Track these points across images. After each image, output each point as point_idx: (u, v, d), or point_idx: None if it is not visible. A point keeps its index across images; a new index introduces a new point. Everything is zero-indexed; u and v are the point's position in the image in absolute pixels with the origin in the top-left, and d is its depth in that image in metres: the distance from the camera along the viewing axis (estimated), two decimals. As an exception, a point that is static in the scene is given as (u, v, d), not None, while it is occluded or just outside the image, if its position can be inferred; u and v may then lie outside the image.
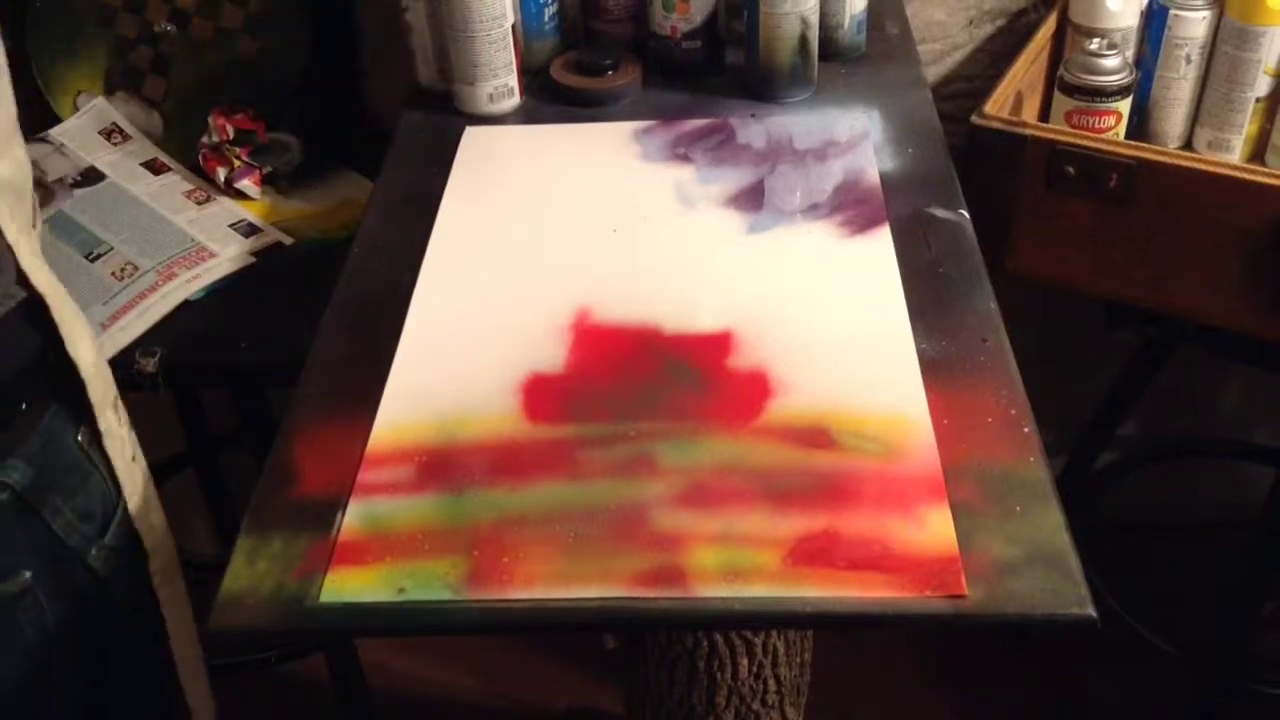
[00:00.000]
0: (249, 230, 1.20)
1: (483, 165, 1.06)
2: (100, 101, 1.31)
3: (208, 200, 1.22)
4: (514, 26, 1.11)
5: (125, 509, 0.86)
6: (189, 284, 1.13)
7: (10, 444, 0.76)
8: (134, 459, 0.87)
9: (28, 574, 0.78)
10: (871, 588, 0.67)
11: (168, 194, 1.22)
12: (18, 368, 0.77)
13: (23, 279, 0.76)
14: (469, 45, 1.09)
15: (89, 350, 0.81)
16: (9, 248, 0.75)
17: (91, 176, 1.23)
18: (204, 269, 1.14)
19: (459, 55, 1.10)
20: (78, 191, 1.21)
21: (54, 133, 1.27)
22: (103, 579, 0.84)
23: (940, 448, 0.75)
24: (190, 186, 1.24)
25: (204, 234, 1.18)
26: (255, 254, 1.17)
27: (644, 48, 1.18)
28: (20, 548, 0.78)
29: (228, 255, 1.16)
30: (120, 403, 0.86)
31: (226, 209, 1.22)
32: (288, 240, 1.19)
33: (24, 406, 0.77)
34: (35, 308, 0.77)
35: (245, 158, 1.24)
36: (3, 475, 0.75)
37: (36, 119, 1.32)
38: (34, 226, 0.79)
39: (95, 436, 0.82)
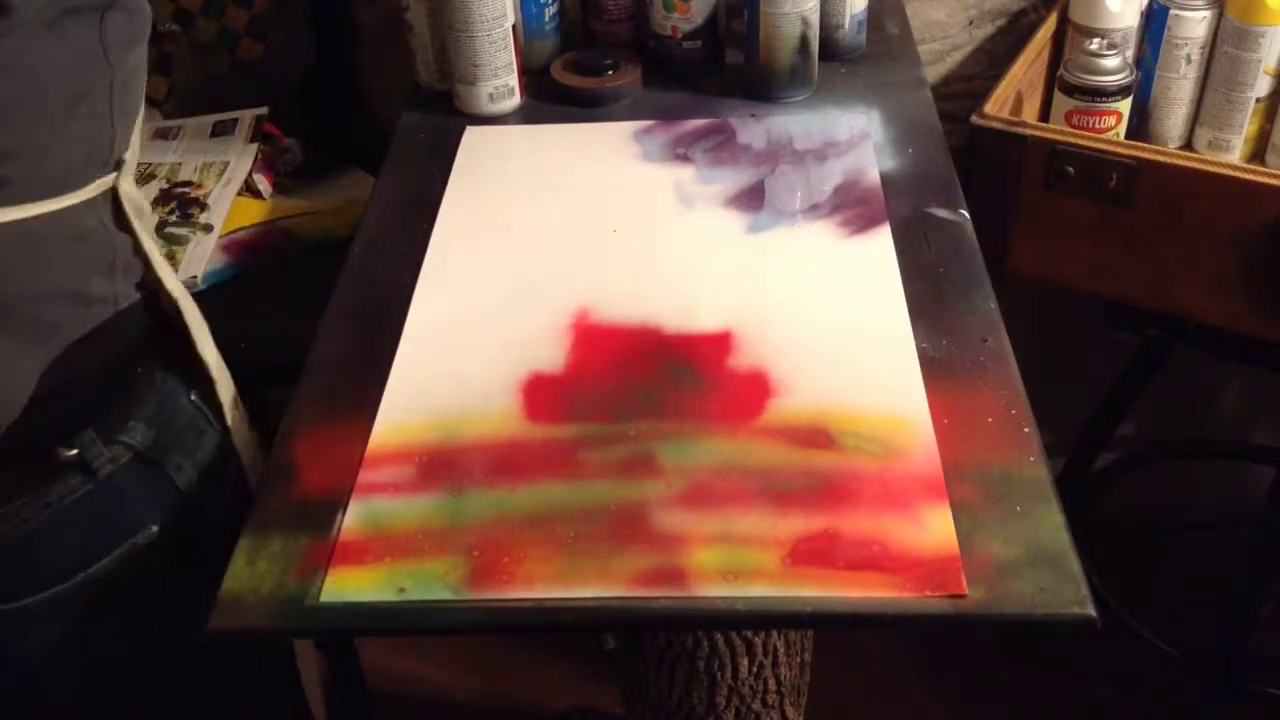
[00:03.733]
0: None
1: (483, 165, 1.06)
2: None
3: None
4: (514, 26, 1.11)
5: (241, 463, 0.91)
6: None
7: (129, 407, 0.81)
8: (256, 453, 0.91)
9: (154, 528, 0.82)
10: (871, 588, 0.67)
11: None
12: (132, 341, 0.81)
13: (147, 285, 0.82)
14: (469, 45, 1.09)
15: (214, 352, 0.87)
16: (140, 256, 0.81)
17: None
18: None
19: (459, 55, 1.10)
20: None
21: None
22: (228, 531, 0.86)
23: (940, 448, 0.75)
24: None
25: None
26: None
27: (644, 48, 1.18)
28: (145, 503, 0.82)
29: None
30: (239, 400, 0.91)
31: None
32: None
33: (139, 371, 0.82)
34: (149, 295, 0.82)
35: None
36: (125, 437, 0.80)
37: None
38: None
39: (208, 396, 0.87)
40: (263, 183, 1.24)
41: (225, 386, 0.88)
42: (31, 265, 0.73)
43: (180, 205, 1.18)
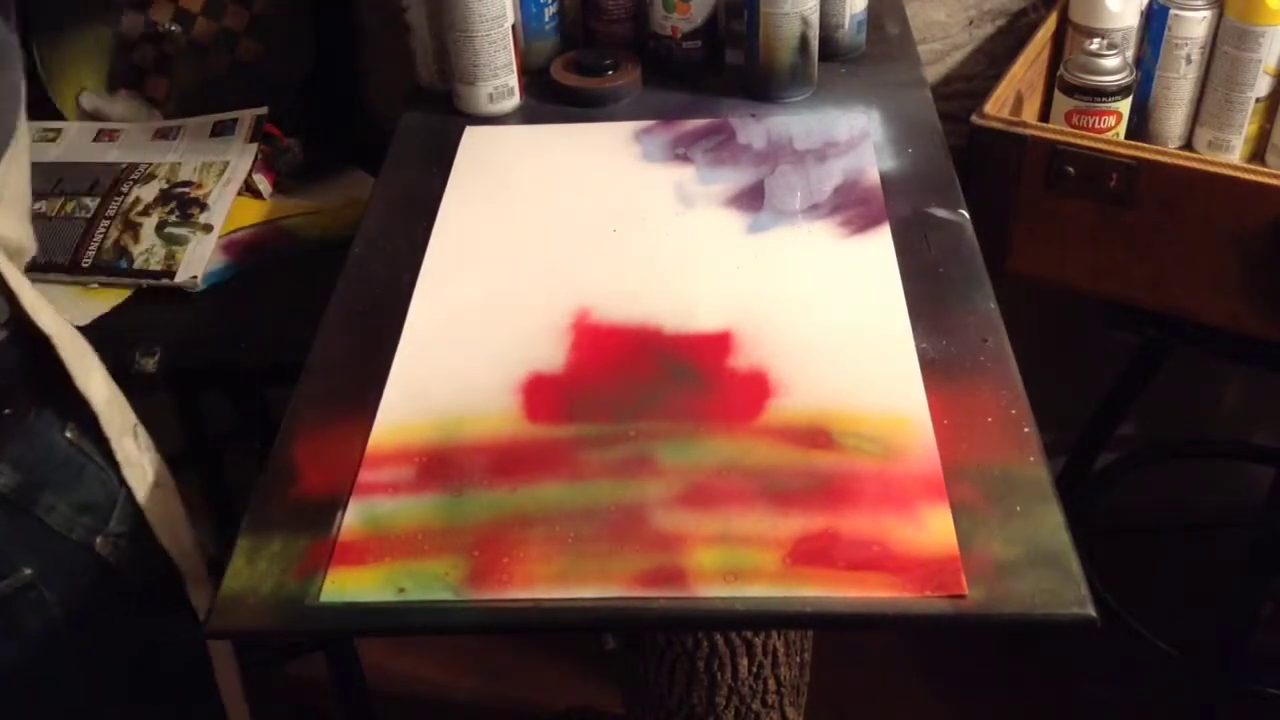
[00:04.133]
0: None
1: (483, 165, 1.06)
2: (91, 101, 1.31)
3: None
4: (514, 26, 1.11)
5: (130, 497, 0.86)
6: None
7: None
8: (157, 483, 0.88)
9: (28, 570, 0.79)
10: (871, 588, 0.67)
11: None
12: None
13: (19, 323, 0.77)
14: (469, 45, 1.09)
15: (101, 385, 0.83)
16: (6, 295, 0.76)
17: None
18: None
19: (459, 55, 1.10)
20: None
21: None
22: (115, 567, 0.85)
23: (940, 448, 0.75)
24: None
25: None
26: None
27: (644, 48, 1.18)
28: (16, 546, 0.79)
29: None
30: (141, 428, 0.87)
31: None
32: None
33: (6, 412, 0.78)
34: (19, 329, 0.78)
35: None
36: None
37: (40, 116, 1.32)
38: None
39: (87, 431, 0.83)
40: (263, 183, 1.24)
41: (116, 420, 0.84)
42: None
43: (180, 205, 1.18)
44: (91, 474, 0.83)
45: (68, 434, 0.82)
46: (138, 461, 0.86)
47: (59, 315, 0.80)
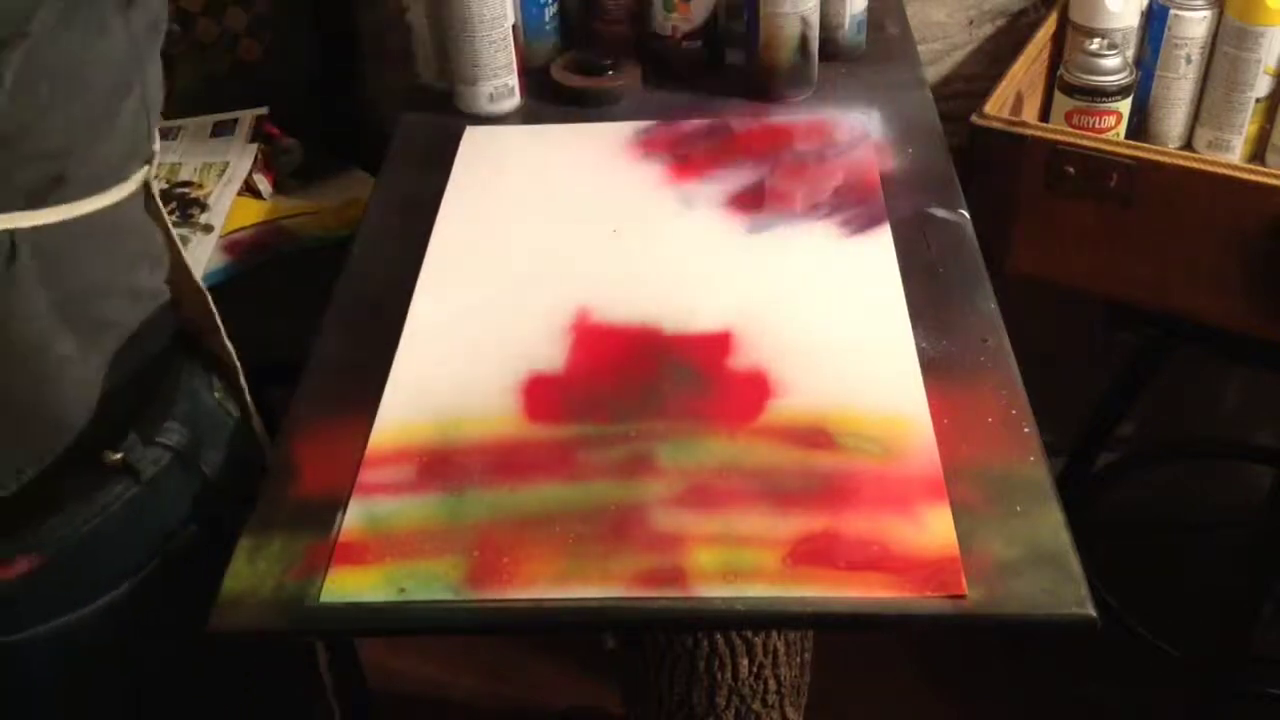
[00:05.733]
0: None
1: (483, 165, 1.06)
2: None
3: None
4: (514, 26, 1.11)
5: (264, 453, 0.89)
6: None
7: (165, 406, 0.80)
8: (269, 440, 0.90)
9: (194, 527, 0.81)
10: (871, 588, 0.67)
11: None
12: (167, 337, 0.82)
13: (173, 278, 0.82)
14: (469, 45, 1.09)
15: (228, 341, 0.87)
16: (171, 248, 0.81)
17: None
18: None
19: (459, 55, 1.10)
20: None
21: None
22: None
23: (940, 448, 0.75)
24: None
25: None
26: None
27: (644, 48, 1.18)
28: (184, 504, 0.82)
29: None
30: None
31: None
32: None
33: (170, 368, 0.82)
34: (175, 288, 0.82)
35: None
36: (163, 438, 0.79)
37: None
38: None
39: (231, 393, 0.88)
40: (263, 183, 1.24)
41: (241, 376, 0.88)
42: (92, 262, 0.73)
43: (180, 205, 1.18)
44: (236, 432, 0.86)
45: (215, 393, 0.85)
46: (255, 418, 0.89)
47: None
